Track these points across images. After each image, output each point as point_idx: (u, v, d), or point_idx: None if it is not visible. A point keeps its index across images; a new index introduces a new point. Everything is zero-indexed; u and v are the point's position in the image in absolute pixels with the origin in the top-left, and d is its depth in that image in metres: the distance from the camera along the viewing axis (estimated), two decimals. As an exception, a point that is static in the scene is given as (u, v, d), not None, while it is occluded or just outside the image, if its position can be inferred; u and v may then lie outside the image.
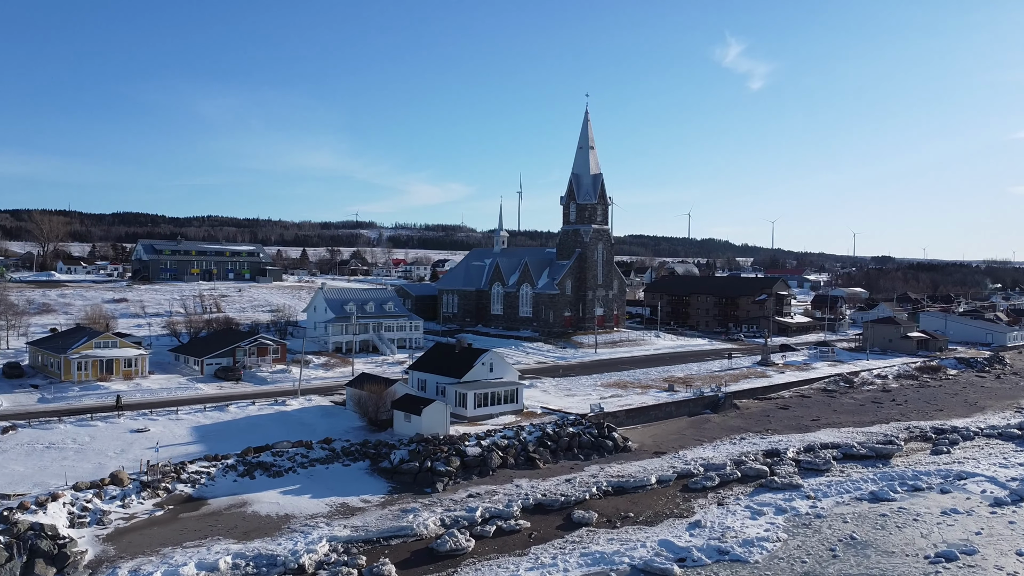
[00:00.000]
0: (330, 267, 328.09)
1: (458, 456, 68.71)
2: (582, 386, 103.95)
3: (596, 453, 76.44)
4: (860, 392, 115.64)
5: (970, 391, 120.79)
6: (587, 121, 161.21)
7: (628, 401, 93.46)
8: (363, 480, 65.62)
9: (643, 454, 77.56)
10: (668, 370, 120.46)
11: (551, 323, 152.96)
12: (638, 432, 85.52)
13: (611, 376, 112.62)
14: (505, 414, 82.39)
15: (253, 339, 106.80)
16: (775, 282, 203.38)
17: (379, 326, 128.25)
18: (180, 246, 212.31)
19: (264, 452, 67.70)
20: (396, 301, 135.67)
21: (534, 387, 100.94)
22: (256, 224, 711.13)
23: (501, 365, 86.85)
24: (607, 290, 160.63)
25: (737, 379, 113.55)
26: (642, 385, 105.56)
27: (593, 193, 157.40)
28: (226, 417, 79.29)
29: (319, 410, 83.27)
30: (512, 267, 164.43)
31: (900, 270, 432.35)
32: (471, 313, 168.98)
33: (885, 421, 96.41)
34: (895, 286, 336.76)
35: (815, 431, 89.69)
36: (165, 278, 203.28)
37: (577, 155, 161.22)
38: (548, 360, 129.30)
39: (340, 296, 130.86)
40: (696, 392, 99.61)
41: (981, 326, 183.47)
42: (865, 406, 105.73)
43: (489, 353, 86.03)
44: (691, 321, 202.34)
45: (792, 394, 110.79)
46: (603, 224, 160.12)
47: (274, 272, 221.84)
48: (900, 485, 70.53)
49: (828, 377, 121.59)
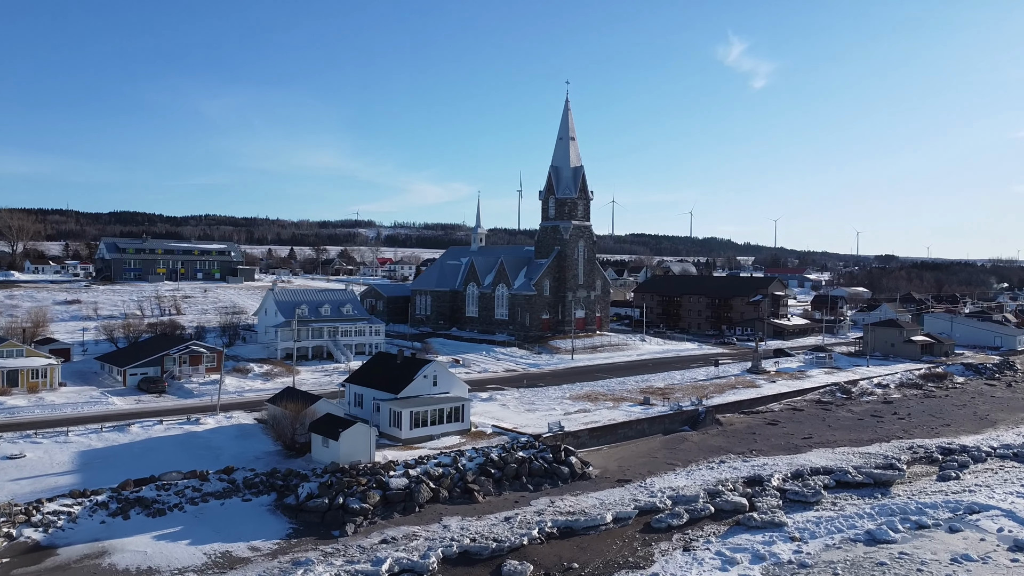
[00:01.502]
0: (314, 266, 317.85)
1: (379, 489, 58.23)
2: (548, 399, 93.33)
3: (549, 482, 65.86)
4: (858, 404, 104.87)
5: (979, 402, 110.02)
6: (567, 110, 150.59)
7: (595, 417, 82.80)
8: (262, 520, 55.12)
9: (604, 482, 66.98)
10: (648, 379, 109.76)
11: (527, 326, 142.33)
12: (602, 455, 74.93)
13: (582, 387, 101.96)
14: (448, 435, 71.81)
15: (184, 346, 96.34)
16: (771, 282, 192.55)
17: (335, 330, 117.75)
18: (145, 244, 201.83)
19: (148, 485, 57.26)
20: (355, 303, 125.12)
21: (493, 400, 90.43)
22: (253, 223, 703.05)
23: (447, 378, 76.30)
24: (589, 291, 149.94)
25: (723, 390, 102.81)
26: (615, 397, 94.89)
27: (573, 187, 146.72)
28: (124, 439, 68.82)
29: (236, 430, 72.73)
30: (488, 266, 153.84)
31: (904, 269, 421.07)
32: (445, 315, 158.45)
33: (885, 439, 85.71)
34: (899, 285, 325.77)
35: (806, 452, 79.02)
36: (129, 278, 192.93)
37: (557, 146, 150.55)
38: (519, 367, 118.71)
39: (292, 298, 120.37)
40: (673, 406, 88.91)
41: (989, 328, 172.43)
42: (864, 420, 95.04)
43: (432, 364, 75.44)
44: (683, 323, 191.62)
45: (783, 407, 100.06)
46: (584, 220, 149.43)
47: (246, 272, 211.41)
48: (902, 522, 59.88)
49: (824, 387, 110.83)
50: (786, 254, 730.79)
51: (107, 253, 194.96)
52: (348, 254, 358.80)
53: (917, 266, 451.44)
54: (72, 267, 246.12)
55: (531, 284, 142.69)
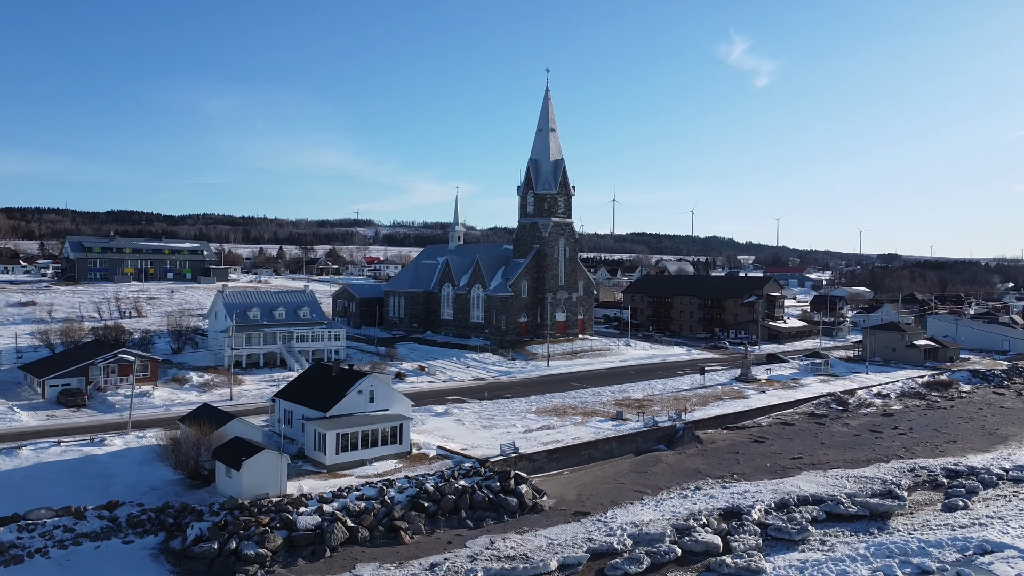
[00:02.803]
0: (299, 266, 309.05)
1: (284, 529, 49.39)
2: (510, 413, 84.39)
3: (493, 516, 56.97)
4: (855, 417, 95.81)
5: (988, 414, 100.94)
6: (548, 100, 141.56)
7: (558, 436, 73.82)
8: (139, 568, 46.28)
9: (558, 516, 58.09)
10: (626, 389, 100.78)
11: (503, 330, 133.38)
12: (561, 481, 66.03)
13: (552, 399, 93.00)
14: (384, 459, 62.92)
15: (111, 354, 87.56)
16: (766, 282, 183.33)
17: (289, 335, 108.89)
18: (112, 243, 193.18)
19: (8, 525, 48.44)
20: (314, 305, 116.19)
21: (448, 415, 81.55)
22: (251, 222, 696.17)
23: (386, 393, 67.41)
24: (570, 292, 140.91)
25: (706, 401, 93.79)
26: (585, 411, 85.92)
27: (553, 181, 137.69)
28: (7, 465, 60.02)
29: (143, 453, 63.86)
30: (465, 266, 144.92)
31: (907, 268, 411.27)
32: (419, 318, 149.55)
33: (884, 459, 76.69)
34: (901, 285, 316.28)
35: (794, 475, 70.07)
36: (94, 278, 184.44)
37: (536, 138, 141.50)
38: (489, 376, 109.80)
39: (243, 300, 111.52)
40: (648, 422, 79.85)
41: (996, 331, 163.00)
42: (861, 436, 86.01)
43: (369, 378, 66.48)
44: (674, 326, 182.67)
45: (772, 421, 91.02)
46: (565, 216, 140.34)
47: (219, 272, 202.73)
48: (901, 566, 50.89)
49: (818, 397, 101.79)
50: (788, 253, 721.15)
51: (72, 252, 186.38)
52: (336, 253, 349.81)
53: (920, 265, 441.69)
54: (44, 267, 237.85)
55: (507, 285, 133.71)
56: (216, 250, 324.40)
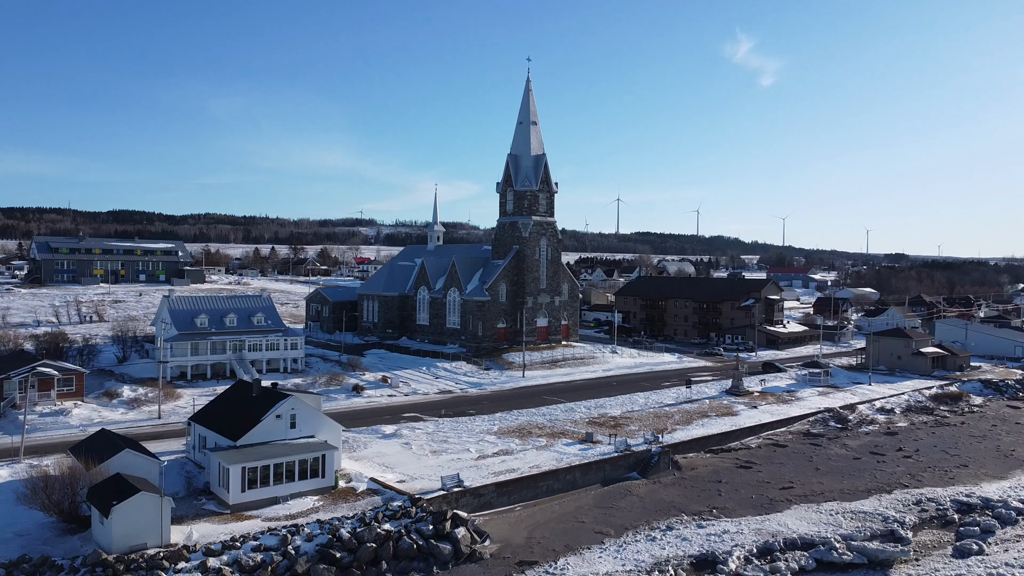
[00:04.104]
0: (287, 266, 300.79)
1: (154, 593, 40.78)
2: (468, 434, 75.59)
3: (420, 568, 48.26)
4: (855, 436, 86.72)
5: (1002, 431, 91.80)
6: (529, 91, 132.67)
7: (514, 464, 65.02)
8: (-35, 645, 37.73)
9: (498, 567, 49.34)
10: (604, 405, 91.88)
11: (480, 337, 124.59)
12: (510, 520, 57.22)
13: (519, 416, 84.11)
14: (303, 496, 54.21)
15: (29, 367, 79.12)
16: (765, 284, 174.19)
17: (240, 344, 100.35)
18: (81, 244, 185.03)
19: None
20: (270, 311, 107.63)
21: (396, 437, 72.85)
22: (252, 222, 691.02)
23: (310, 417, 58.71)
24: (553, 296, 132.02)
25: (690, 419, 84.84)
26: (552, 432, 77.06)
27: (534, 178, 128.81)
28: None
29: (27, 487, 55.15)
30: (442, 268, 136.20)
31: (914, 269, 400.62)
32: (394, 323, 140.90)
33: (887, 488, 67.73)
34: (908, 286, 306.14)
35: (782, 510, 61.18)
36: (61, 280, 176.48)
37: (516, 132, 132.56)
38: (457, 388, 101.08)
39: (191, 306, 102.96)
40: (620, 445, 70.92)
41: (1009, 336, 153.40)
42: (861, 460, 77.00)
43: (290, 400, 57.75)
44: (668, 330, 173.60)
45: (762, 442, 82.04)
46: (547, 215, 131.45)
47: (194, 274, 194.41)
48: (904, 635, 42.06)
49: (815, 413, 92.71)
50: (793, 253, 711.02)
51: (38, 253, 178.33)
52: (327, 253, 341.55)
53: (928, 265, 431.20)
54: (20, 267, 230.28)
55: (484, 288, 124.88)
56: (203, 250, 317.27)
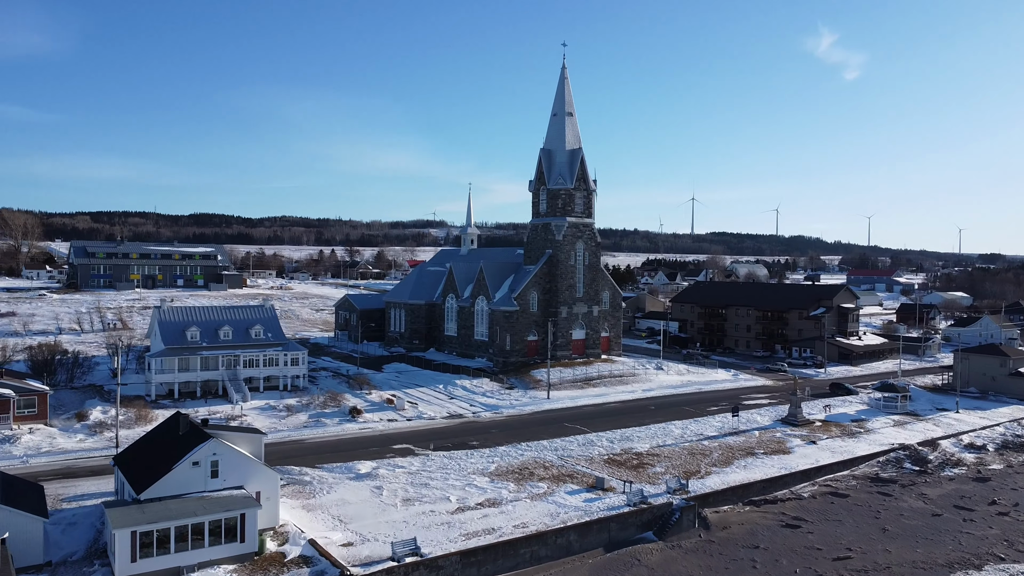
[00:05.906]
0: (341, 269, 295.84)
1: None
2: (458, 474, 64.02)
3: (334, 677, 36.96)
4: (936, 482, 71.30)
5: None
6: (564, 80, 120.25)
7: (496, 522, 53.12)
8: None
9: (439, 677, 37.59)
10: (631, 436, 78.84)
11: (508, 350, 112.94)
12: (474, 602, 45.38)
13: (525, 451, 71.99)
14: (214, 565, 43.77)
15: (-16, 388, 71.81)
16: (838, 291, 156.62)
17: (234, 360, 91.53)
18: (118, 248, 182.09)
19: None
20: (271, 323, 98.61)
21: (371, 477, 61.89)
22: (325, 224, 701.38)
23: (238, 465, 48.26)
24: (591, 305, 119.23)
25: (730, 459, 71.09)
26: (559, 474, 64.75)
27: (569, 175, 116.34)
28: None
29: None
30: (470, 274, 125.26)
31: (1011, 270, 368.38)
32: (421, 334, 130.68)
33: (974, 561, 53.01)
34: (1005, 291, 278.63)
35: (833, 595, 47.47)
36: (96, 285, 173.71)
37: (551, 124, 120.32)
38: (470, 412, 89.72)
39: (182, 317, 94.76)
40: (635, 496, 58.07)
41: None
42: (942, 516, 62.03)
43: (210, 444, 47.37)
44: (728, 341, 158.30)
45: (818, 490, 67.66)
46: (584, 216, 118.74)
47: (232, 278, 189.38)
48: None
49: (887, 451, 77.49)
50: (878, 253, 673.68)
51: (75, 258, 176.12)
52: (384, 256, 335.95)
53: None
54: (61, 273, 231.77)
55: (512, 297, 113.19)
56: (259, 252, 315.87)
